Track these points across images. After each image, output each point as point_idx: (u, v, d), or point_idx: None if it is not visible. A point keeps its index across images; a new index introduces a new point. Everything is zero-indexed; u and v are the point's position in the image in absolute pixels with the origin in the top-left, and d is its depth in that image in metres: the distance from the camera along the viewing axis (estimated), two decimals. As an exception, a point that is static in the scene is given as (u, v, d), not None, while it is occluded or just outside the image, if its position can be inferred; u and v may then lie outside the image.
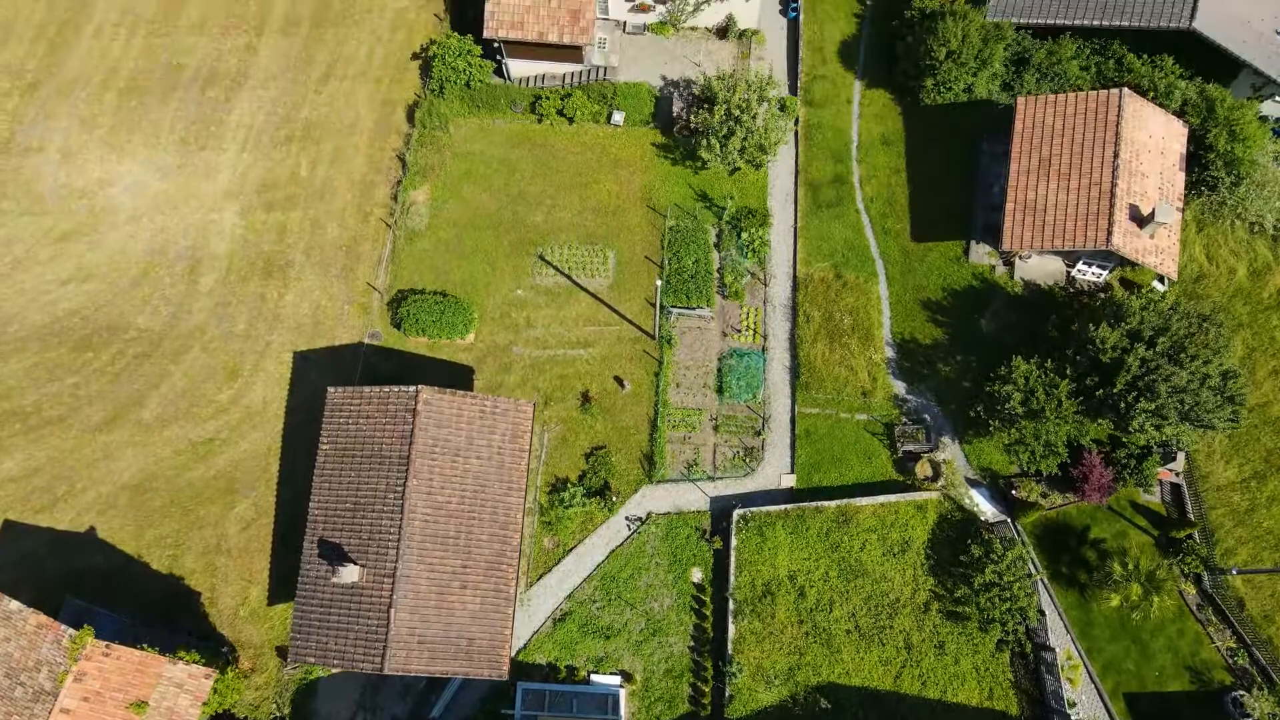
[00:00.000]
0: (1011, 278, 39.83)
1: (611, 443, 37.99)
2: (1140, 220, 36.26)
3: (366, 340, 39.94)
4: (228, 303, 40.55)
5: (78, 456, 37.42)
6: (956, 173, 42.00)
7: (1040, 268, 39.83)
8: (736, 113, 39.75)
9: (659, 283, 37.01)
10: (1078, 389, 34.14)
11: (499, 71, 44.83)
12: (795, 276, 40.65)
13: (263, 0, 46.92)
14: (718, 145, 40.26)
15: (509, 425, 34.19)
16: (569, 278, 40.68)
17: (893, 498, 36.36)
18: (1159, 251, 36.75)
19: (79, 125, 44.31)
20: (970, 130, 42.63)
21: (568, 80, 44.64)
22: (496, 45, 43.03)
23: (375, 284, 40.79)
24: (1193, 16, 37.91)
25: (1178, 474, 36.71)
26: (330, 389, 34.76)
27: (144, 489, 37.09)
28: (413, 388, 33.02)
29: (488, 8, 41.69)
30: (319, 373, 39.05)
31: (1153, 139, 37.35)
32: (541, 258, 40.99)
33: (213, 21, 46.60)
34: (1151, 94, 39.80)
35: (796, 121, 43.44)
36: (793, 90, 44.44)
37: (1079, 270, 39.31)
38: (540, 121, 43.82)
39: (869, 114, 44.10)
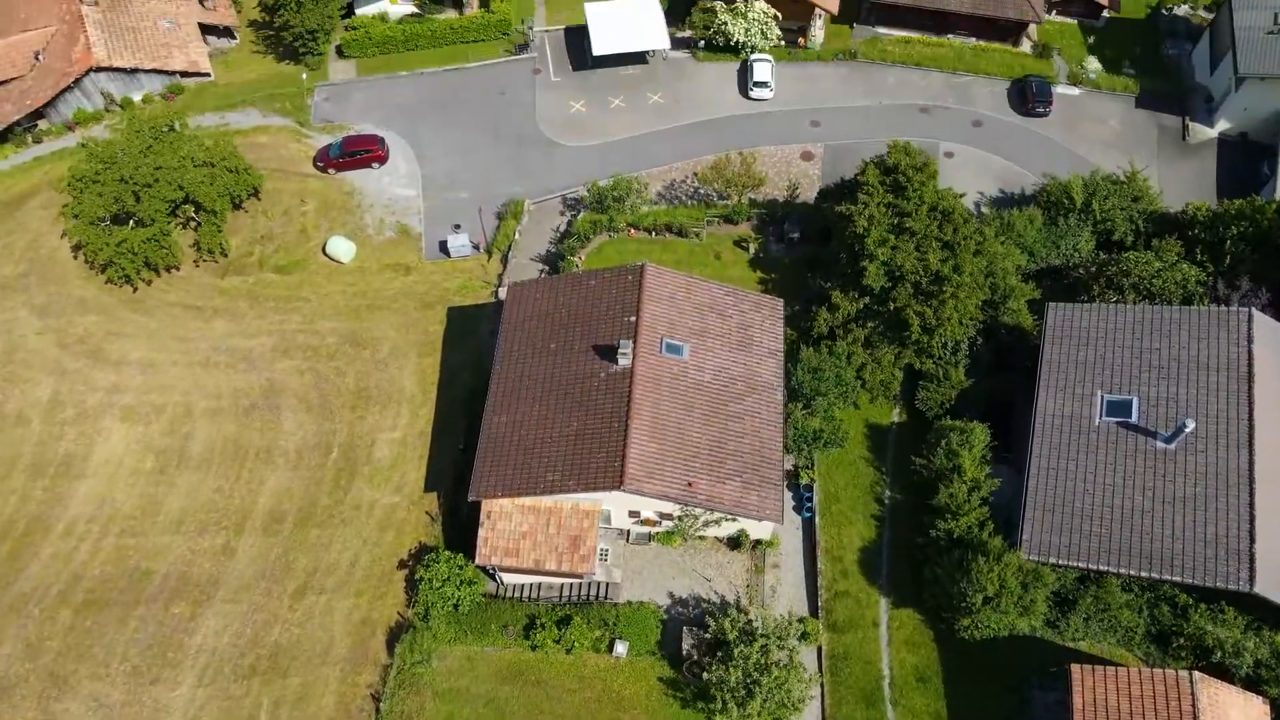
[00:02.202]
0: None
1: None
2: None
3: None
4: None
5: None
6: (1008, 725, 36.85)
7: None
8: (755, 674, 35.36)
9: None
10: None
11: (490, 571, 41.31)
12: None
13: (248, 493, 44.58)
14: (735, 710, 35.48)
15: None
16: None
17: None
18: None
19: (24, 650, 40.00)
20: (1017, 670, 38.02)
21: (565, 591, 40.98)
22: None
23: None
24: (1251, 581, 34.56)
25: None
26: None
27: None
28: None
29: (480, 534, 38.81)
30: None
31: None
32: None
33: (192, 518, 43.86)
34: (1218, 653, 35.63)
35: (820, 653, 39.07)
36: (813, 609, 40.47)
37: None
38: (535, 650, 39.45)
39: (899, 640, 39.75)
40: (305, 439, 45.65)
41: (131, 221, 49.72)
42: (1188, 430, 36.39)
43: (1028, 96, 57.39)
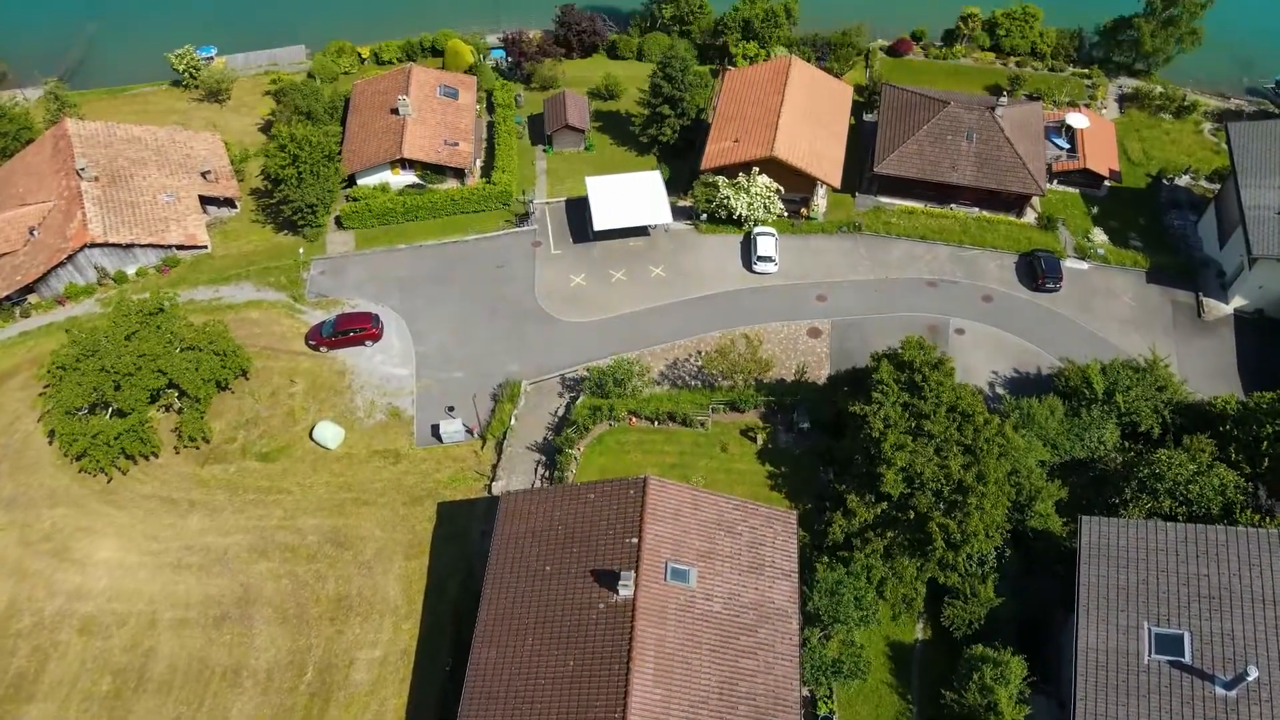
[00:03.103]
0: None
1: None
2: None
3: None
4: None
5: None
6: None
7: None
8: None
9: None
10: None
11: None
12: None
13: (211, 720, 40.66)
14: None
15: None
16: None
17: None
18: None
19: None
20: None
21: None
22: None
23: None
24: None
25: None
26: None
27: None
28: None
29: (465, 786, 34.74)
30: None
31: None
32: None
33: (147, 751, 39.83)
34: None
35: None
36: None
37: None
38: None
39: None
40: (278, 656, 41.90)
41: (110, 410, 47.58)
42: (1251, 679, 32.91)
43: (1037, 273, 56.31)
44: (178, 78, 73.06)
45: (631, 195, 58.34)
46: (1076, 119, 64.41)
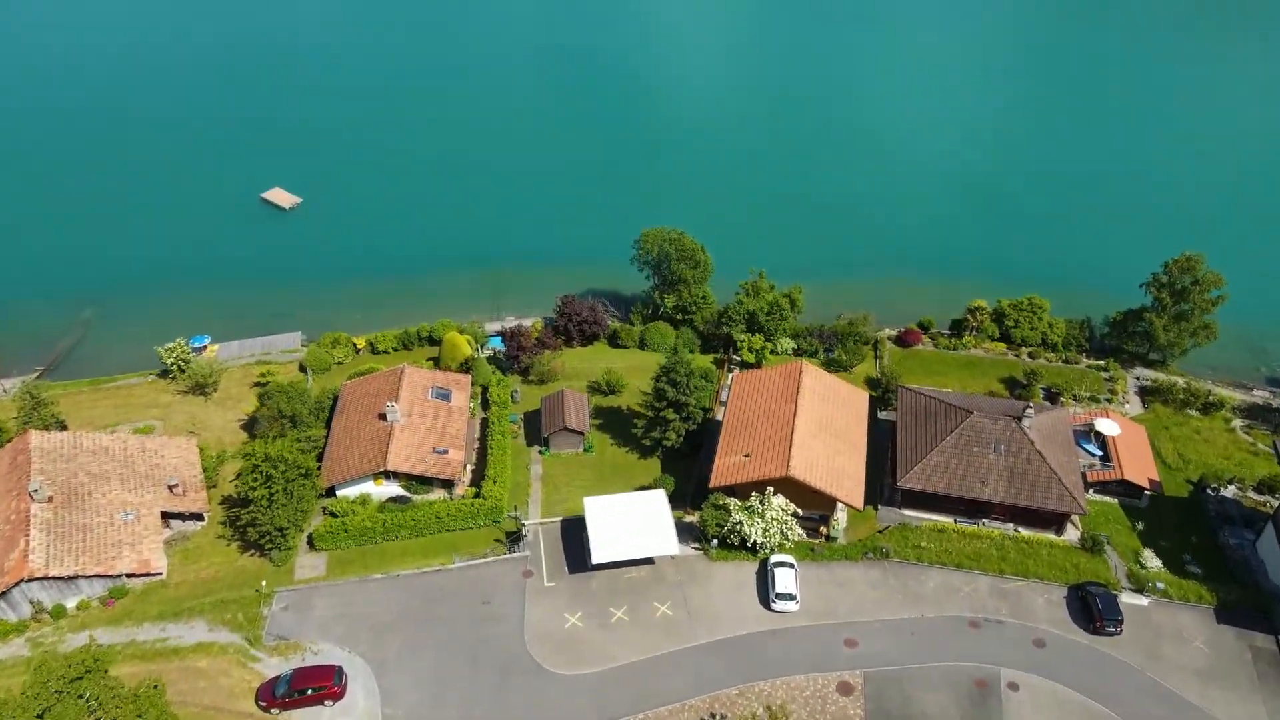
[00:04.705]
0: None
1: None
2: None
3: None
4: None
5: None
6: None
7: None
8: None
9: None
10: None
11: None
12: None
13: None
14: None
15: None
16: None
17: None
18: None
19: None
20: None
21: None
22: None
23: None
24: None
25: None
26: None
27: None
28: None
29: None
30: None
31: None
32: None
33: None
34: None
35: None
36: None
37: None
38: None
39: None
40: None
41: (6, 811, 39.30)
42: None
43: (1094, 614, 49.85)
44: (167, 368, 70.63)
45: (633, 519, 53.10)
46: (1106, 425, 60.77)
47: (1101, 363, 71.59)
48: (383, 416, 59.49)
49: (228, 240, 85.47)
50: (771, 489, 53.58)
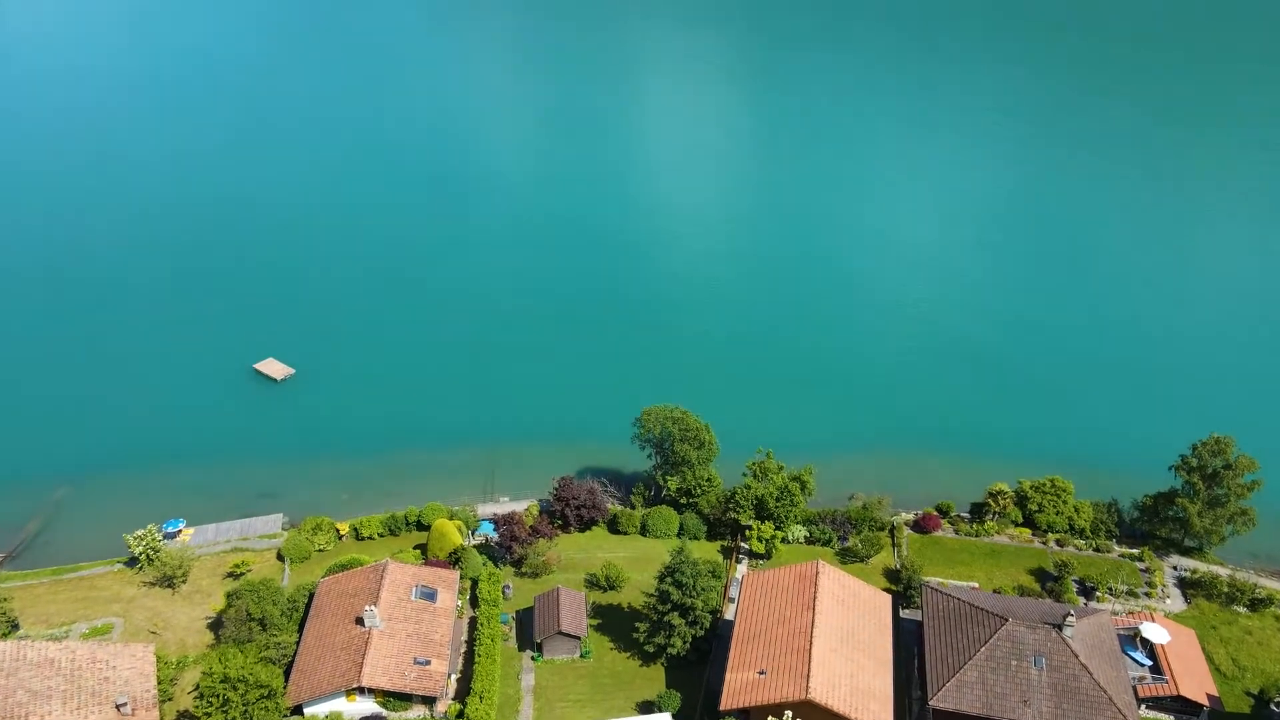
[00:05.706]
0: None
1: None
2: None
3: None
4: None
5: None
6: None
7: None
8: None
9: None
10: None
11: None
12: None
13: None
14: None
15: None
16: None
17: None
18: None
19: None
20: None
21: None
22: None
23: None
24: None
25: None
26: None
27: None
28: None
29: None
30: None
31: None
32: None
33: None
34: None
35: None
36: None
37: None
38: None
39: None
40: None
41: None
42: None
43: None
44: (135, 557, 65.71)
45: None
46: (1154, 631, 55.46)
47: (1135, 551, 66.97)
48: (360, 621, 54.26)
49: (215, 413, 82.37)
50: (790, 712, 47.79)
